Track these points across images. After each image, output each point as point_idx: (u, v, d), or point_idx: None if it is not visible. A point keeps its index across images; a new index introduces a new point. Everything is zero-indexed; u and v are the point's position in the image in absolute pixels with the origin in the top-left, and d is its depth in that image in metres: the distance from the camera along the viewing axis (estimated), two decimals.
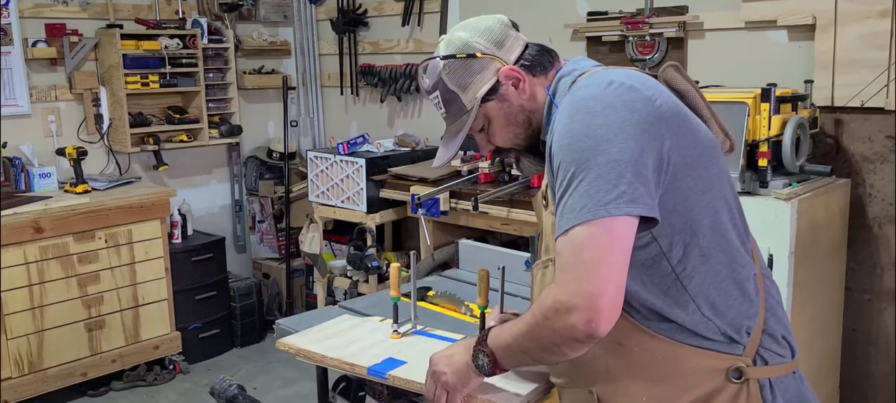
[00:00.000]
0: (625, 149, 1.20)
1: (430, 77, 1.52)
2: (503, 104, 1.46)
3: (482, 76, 1.45)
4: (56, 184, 4.10)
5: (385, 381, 1.75)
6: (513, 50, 1.47)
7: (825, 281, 2.92)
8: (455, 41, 1.49)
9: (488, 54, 1.45)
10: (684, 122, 1.30)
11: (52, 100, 4.26)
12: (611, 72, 1.34)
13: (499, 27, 1.48)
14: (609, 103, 1.24)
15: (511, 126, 1.47)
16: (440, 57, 1.49)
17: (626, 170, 1.19)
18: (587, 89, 1.29)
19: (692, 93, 1.41)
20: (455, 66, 1.46)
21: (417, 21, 4.47)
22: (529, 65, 1.46)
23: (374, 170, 4.07)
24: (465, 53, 1.46)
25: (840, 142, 3.02)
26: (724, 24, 3.25)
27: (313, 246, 4.33)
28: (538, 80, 1.46)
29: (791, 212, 2.59)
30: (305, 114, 5.21)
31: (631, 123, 1.22)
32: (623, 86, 1.26)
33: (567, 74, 1.43)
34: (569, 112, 1.28)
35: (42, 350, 3.76)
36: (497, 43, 1.46)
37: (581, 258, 1.18)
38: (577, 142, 1.23)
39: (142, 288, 4.09)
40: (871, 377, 3.08)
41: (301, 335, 2.01)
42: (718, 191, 1.33)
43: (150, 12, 4.51)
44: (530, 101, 1.45)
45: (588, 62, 1.46)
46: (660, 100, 1.27)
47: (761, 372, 1.32)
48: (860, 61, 2.85)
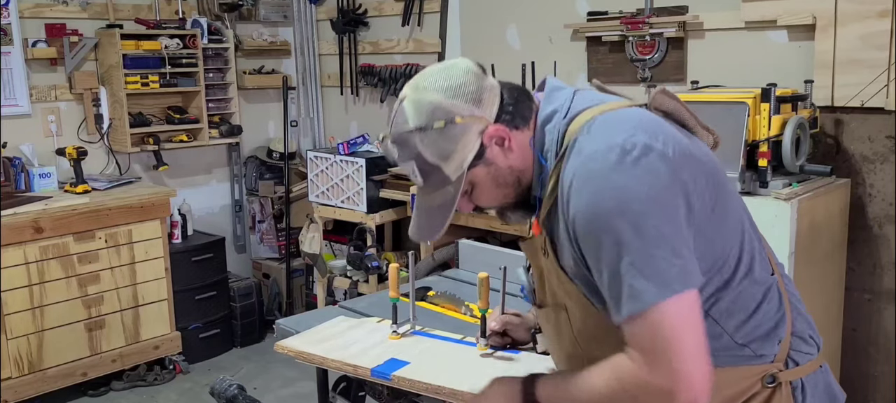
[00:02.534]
0: (665, 219, 1.16)
1: (400, 148, 1.32)
2: (490, 168, 1.32)
3: (465, 142, 1.29)
4: (56, 184, 4.10)
5: (389, 382, 1.75)
6: (491, 103, 1.30)
7: (825, 281, 2.92)
8: (425, 106, 1.29)
9: (469, 117, 1.28)
10: (692, 159, 1.24)
11: (52, 100, 4.26)
12: (611, 124, 1.24)
13: (473, 80, 1.30)
14: (632, 173, 1.17)
15: (499, 188, 1.36)
16: (413, 128, 1.29)
17: (674, 241, 1.16)
18: (603, 160, 1.18)
19: (679, 109, 1.36)
20: (432, 136, 1.28)
21: (417, 21, 4.47)
22: (511, 118, 1.31)
23: (374, 169, 4.07)
24: (443, 120, 1.28)
25: (840, 142, 3.02)
26: (724, 23, 3.25)
27: (313, 246, 4.33)
28: (523, 133, 1.32)
29: (791, 212, 2.59)
30: (305, 114, 5.21)
31: (659, 188, 1.17)
32: (638, 148, 1.18)
33: (549, 119, 1.32)
34: (591, 189, 1.18)
35: (42, 350, 3.76)
36: (475, 101, 1.29)
37: (666, 341, 1.14)
38: (614, 221, 1.16)
39: (142, 288, 4.09)
40: (871, 377, 3.08)
41: (299, 337, 2.00)
42: (734, 214, 1.31)
43: (150, 12, 4.51)
44: (518, 160, 1.33)
45: (562, 94, 1.34)
46: (671, 149, 1.21)
47: (792, 375, 1.34)
48: (860, 61, 2.85)
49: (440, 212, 1.35)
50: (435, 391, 1.70)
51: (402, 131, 1.31)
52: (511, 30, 4.05)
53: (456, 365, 1.79)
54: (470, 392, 1.65)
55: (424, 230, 1.38)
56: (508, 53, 4.02)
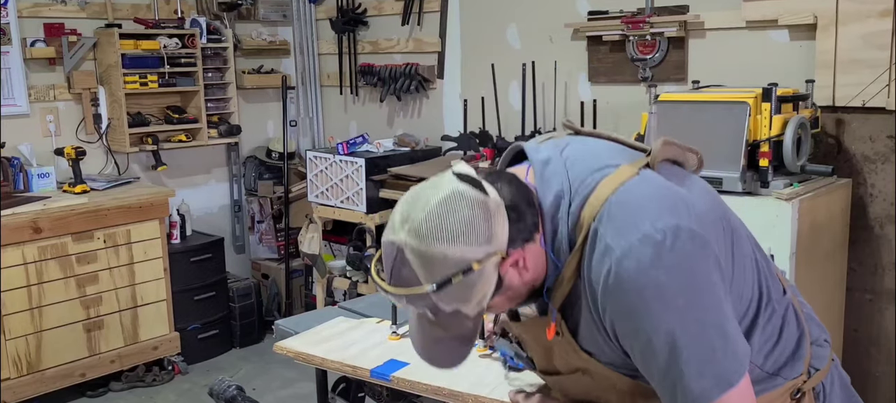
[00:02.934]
0: (709, 306, 1.13)
1: (412, 302, 1.19)
2: (507, 292, 1.22)
3: (483, 283, 1.16)
4: (54, 184, 4.09)
5: (389, 383, 1.74)
6: (502, 230, 1.16)
7: (826, 281, 2.91)
8: (437, 260, 1.13)
9: (485, 258, 1.15)
10: (709, 218, 1.19)
11: (51, 100, 4.25)
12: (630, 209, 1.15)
13: (481, 214, 1.14)
14: (669, 267, 1.11)
15: (513, 302, 1.27)
16: (427, 288, 1.15)
17: (721, 325, 1.13)
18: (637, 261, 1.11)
19: (677, 154, 1.29)
20: (449, 291, 1.15)
21: (417, 20, 4.46)
22: (520, 232, 1.19)
23: (374, 169, 4.06)
24: (460, 271, 1.14)
25: (841, 141, 3.01)
26: (725, 23, 3.24)
27: (312, 246, 4.32)
28: (534, 243, 1.21)
29: (792, 212, 2.58)
30: (304, 114, 5.20)
31: (697, 274, 1.13)
32: (667, 235, 1.11)
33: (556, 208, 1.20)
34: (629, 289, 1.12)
35: (41, 350, 3.75)
36: (488, 238, 1.14)
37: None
38: (659, 322, 1.11)
39: (140, 288, 4.08)
40: (872, 377, 3.08)
41: (299, 337, 2.00)
42: (748, 250, 1.27)
43: (149, 12, 4.50)
44: (533, 272, 1.22)
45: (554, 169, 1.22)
46: (694, 219, 1.15)
47: (814, 380, 1.35)
48: (861, 61, 2.84)
49: (459, 344, 1.25)
50: (434, 391, 1.69)
51: (415, 290, 1.16)
52: (511, 29, 4.04)
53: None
54: (470, 393, 1.64)
55: (444, 361, 1.27)
56: (508, 53, 4.01)
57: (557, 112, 3.82)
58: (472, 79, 4.23)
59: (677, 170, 1.28)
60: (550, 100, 3.84)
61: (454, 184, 1.16)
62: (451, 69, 4.36)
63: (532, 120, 3.84)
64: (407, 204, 1.18)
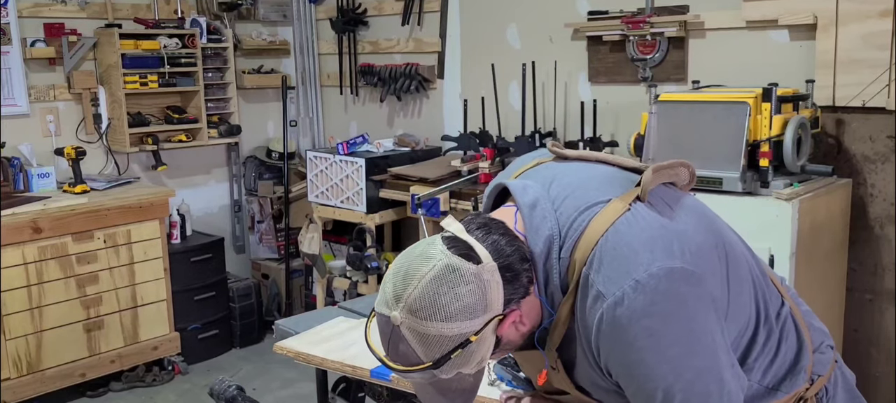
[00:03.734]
0: (703, 352, 1.13)
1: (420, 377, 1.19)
2: (506, 345, 1.23)
3: (481, 347, 1.16)
4: (54, 184, 4.09)
5: (389, 383, 1.74)
6: (497, 296, 1.15)
7: (826, 281, 2.91)
8: (435, 340, 1.13)
9: (482, 327, 1.14)
10: (703, 251, 1.17)
11: (51, 100, 4.25)
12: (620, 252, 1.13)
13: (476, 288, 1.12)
14: (662, 313, 1.10)
15: (510, 350, 1.28)
16: (427, 366, 1.14)
17: (716, 372, 1.14)
18: (628, 306, 1.10)
19: (666, 175, 1.26)
20: (451, 364, 1.15)
21: (417, 20, 4.46)
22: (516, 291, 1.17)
23: (374, 169, 4.06)
24: (459, 347, 1.13)
25: (841, 141, 3.01)
26: (725, 23, 3.24)
27: (312, 246, 4.32)
28: (530, 298, 1.20)
29: (792, 212, 2.58)
30: (305, 114, 5.20)
31: (692, 318, 1.12)
32: (660, 279, 1.10)
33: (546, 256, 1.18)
34: (623, 339, 1.11)
35: (41, 350, 3.75)
36: (484, 309, 1.13)
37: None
38: (655, 370, 1.11)
39: (141, 288, 4.08)
40: (872, 377, 3.08)
41: (298, 337, 2.00)
42: (744, 272, 1.25)
43: (149, 12, 4.50)
44: (529, 325, 1.22)
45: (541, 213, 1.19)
46: (687, 256, 1.13)
47: (817, 386, 1.34)
48: (861, 61, 2.84)
49: (462, 396, 1.24)
50: None
51: (415, 368, 1.15)
52: (511, 29, 4.04)
53: None
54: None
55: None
56: (508, 53, 4.01)
57: (557, 112, 3.82)
58: (472, 79, 4.23)
59: (669, 193, 1.26)
60: (550, 100, 3.84)
61: (446, 258, 1.13)
62: (451, 69, 4.36)
63: (532, 120, 3.85)
64: (399, 279, 1.15)
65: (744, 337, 1.25)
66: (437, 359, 1.13)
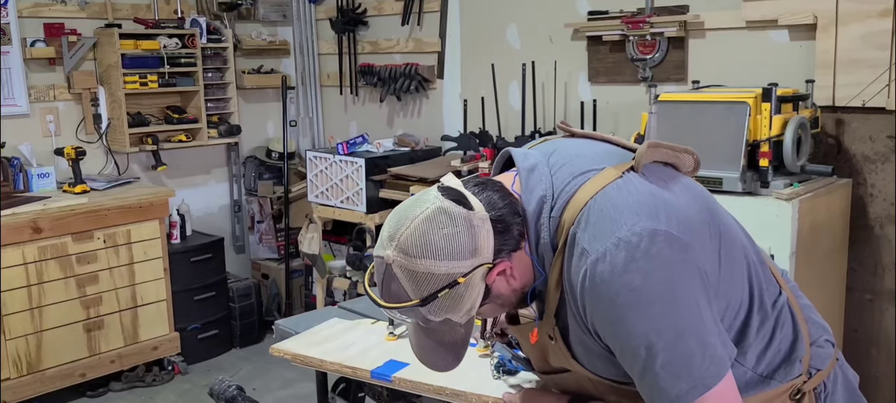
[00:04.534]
0: (686, 311, 1.13)
1: (408, 316, 1.25)
2: (497, 299, 1.27)
3: (470, 293, 1.21)
4: (54, 184, 4.09)
5: (390, 384, 1.74)
6: (487, 243, 1.20)
7: (826, 281, 2.91)
8: (422, 277, 1.18)
9: (471, 270, 1.19)
10: (693, 223, 1.19)
11: (51, 100, 4.25)
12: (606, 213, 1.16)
13: (465, 230, 1.18)
14: (645, 271, 1.12)
15: (504, 307, 1.32)
16: (415, 302, 1.20)
17: (699, 332, 1.13)
18: (611, 264, 1.12)
19: (665, 155, 1.29)
20: (437, 303, 1.20)
21: (417, 20, 4.46)
22: (507, 245, 1.22)
23: (374, 169, 4.05)
24: (446, 286, 1.18)
25: (841, 141, 3.01)
26: (725, 23, 3.24)
27: (312, 246, 4.32)
28: (521, 253, 1.24)
29: (792, 212, 2.58)
30: (304, 114, 5.20)
31: (674, 278, 1.13)
32: (643, 240, 1.12)
33: (538, 214, 1.22)
34: (605, 294, 1.13)
35: (41, 350, 3.75)
36: (473, 252, 1.18)
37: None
38: (636, 326, 1.12)
39: (140, 288, 4.08)
40: (872, 378, 3.07)
41: (295, 339, 1.99)
42: (739, 255, 1.26)
43: (149, 12, 4.50)
44: (520, 279, 1.26)
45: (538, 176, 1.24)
46: (674, 224, 1.15)
47: (815, 381, 1.34)
48: (861, 61, 2.84)
49: (453, 349, 1.29)
50: (437, 391, 1.69)
51: (403, 304, 1.21)
52: (511, 29, 4.04)
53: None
54: (473, 392, 1.64)
55: (439, 364, 1.31)
56: (508, 53, 4.01)
57: (557, 112, 3.82)
58: (472, 79, 4.22)
59: (667, 171, 1.28)
60: (550, 100, 3.83)
61: (438, 201, 1.19)
62: (451, 69, 4.36)
63: (532, 120, 3.84)
64: (394, 222, 1.22)
65: (737, 319, 1.25)
66: (425, 297, 1.19)
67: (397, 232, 1.20)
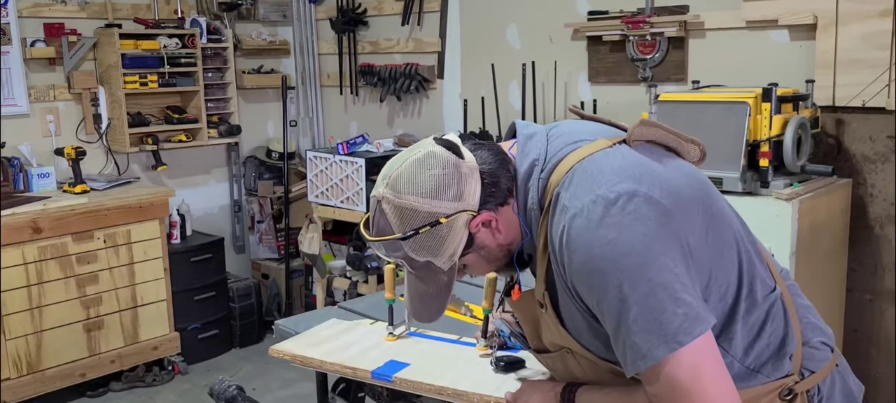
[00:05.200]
0: (661, 267, 1.13)
1: (389, 251, 1.30)
2: (481, 251, 1.30)
3: (453, 237, 1.26)
4: (54, 184, 4.09)
5: (391, 384, 1.74)
6: (473, 192, 1.25)
7: (826, 281, 2.91)
8: (407, 212, 1.24)
9: (453, 213, 1.24)
10: (680, 195, 1.20)
11: (51, 100, 4.25)
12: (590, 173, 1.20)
13: (451, 174, 1.24)
14: (620, 225, 1.13)
15: (491, 263, 1.35)
16: (398, 236, 1.25)
17: (672, 289, 1.13)
18: (587, 217, 1.15)
19: (660, 134, 1.30)
20: (418, 240, 1.25)
21: (417, 20, 4.46)
22: (494, 198, 1.27)
23: (374, 169, 4.05)
24: (428, 224, 1.24)
25: (841, 141, 3.01)
26: (725, 23, 3.24)
27: (312, 246, 4.32)
28: (508, 207, 1.28)
29: (792, 212, 2.58)
30: (304, 114, 5.20)
31: (650, 236, 1.13)
32: (621, 198, 1.15)
33: (528, 176, 1.27)
34: (581, 246, 1.15)
35: (41, 350, 3.75)
36: (457, 196, 1.24)
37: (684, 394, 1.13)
38: (609, 278, 1.13)
39: (140, 288, 4.08)
40: (872, 378, 3.07)
41: (294, 340, 1.99)
42: (728, 237, 1.26)
43: (149, 12, 4.50)
44: (506, 236, 1.30)
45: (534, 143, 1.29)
46: (657, 190, 1.17)
47: (808, 383, 1.32)
48: (861, 61, 2.84)
49: (437, 298, 1.34)
50: (438, 391, 1.69)
51: (387, 237, 1.27)
52: (511, 29, 4.04)
53: (457, 366, 1.78)
54: (474, 392, 1.64)
55: (423, 314, 1.37)
56: (508, 53, 4.01)
57: (557, 112, 3.82)
58: (472, 79, 4.23)
59: (664, 153, 1.29)
60: (550, 100, 3.84)
61: (431, 147, 1.27)
62: (451, 69, 4.36)
63: (532, 120, 3.85)
64: (389, 163, 1.30)
65: (723, 302, 1.25)
66: (407, 232, 1.25)
67: (390, 171, 1.27)
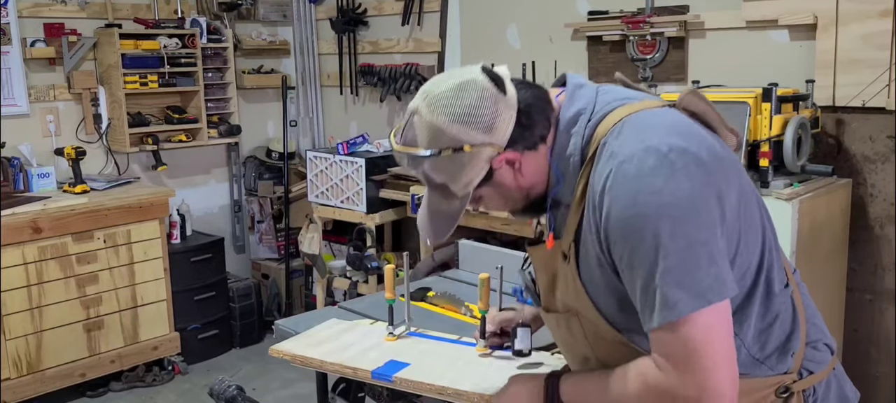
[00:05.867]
0: (701, 225, 1.14)
1: (410, 162, 1.31)
2: (498, 188, 1.31)
3: (472, 167, 1.26)
4: (54, 184, 4.09)
5: (391, 384, 1.74)
6: (505, 127, 1.25)
7: (826, 281, 2.91)
8: (436, 131, 1.25)
9: (478, 144, 1.24)
10: (724, 164, 1.22)
11: (51, 100, 4.25)
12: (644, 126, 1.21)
13: (488, 104, 1.24)
14: (668, 176, 1.14)
15: (507, 201, 1.36)
16: (422, 151, 1.27)
17: (710, 248, 1.14)
18: (638, 164, 1.16)
19: (707, 111, 1.32)
20: (440, 161, 1.27)
21: (417, 20, 4.46)
22: (525, 140, 1.27)
23: (374, 170, 4.06)
24: (451, 148, 1.25)
25: (841, 141, 3.02)
26: (725, 23, 3.24)
27: (312, 246, 4.32)
28: (537, 154, 1.29)
29: (792, 212, 2.58)
30: (305, 114, 5.20)
31: (697, 194, 1.15)
32: (673, 151, 1.16)
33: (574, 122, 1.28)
34: (627, 191, 1.15)
35: (41, 350, 3.75)
36: (487, 128, 1.24)
37: (697, 352, 1.13)
38: (651, 225, 1.13)
39: (141, 288, 4.08)
40: (872, 377, 3.08)
41: (293, 340, 1.98)
42: (756, 221, 1.27)
43: (149, 12, 4.50)
44: (529, 178, 1.30)
45: (585, 93, 1.31)
46: (705, 153, 1.18)
47: (806, 383, 1.33)
48: (861, 61, 2.84)
49: (445, 220, 1.35)
50: (439, 391, 1.68)
51: (411, 150, 1.29)
52: (511, 29, 4.04)
53: (457, 366, 1.78)
54: (474, 392, 1.64)
55: (429, 231, 1.39)
56: (508, 53, 4.01)
57: None
58: None
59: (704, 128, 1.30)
60: None
61: (476, 74, 1.27)
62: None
63: None
64: (433, 79, 1.31)
65: (744, 282, 1.25)
66: (432, 151, 1.26)
67: (431, 88, 1.29)
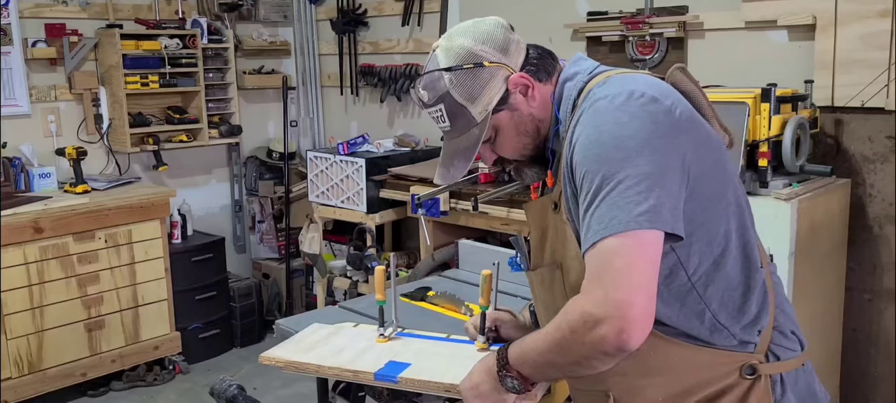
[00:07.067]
0: (653, 162, 1.20)
1: (430, 91, 1.43)
2: (513, 114, 1.42)
3: (491, 86, 1.39)
4: (56, 184, 4.10)
5: (396, 385, 1.73)
6: (517, 55, 1.42)
7: (825, 281, 2.91)
8: (457, 50, 1.41)
9: (496, 62, 1.40)
10: (701, 129, 1.31)
11: (52, 101, 4.26)
12: (627, 79, 1.32)
13: (501, 32, 1.43)
14: (634, 114, 1.23)
15: (520, 136, 1.44)
16: (442, 68, 1.41)
17: (656, 184, 1.19)
18: (610, 100, 1.27)
19: (696, 93, 1.40)
20: (461, 77, 1.39)
21: (417, 21, 4.46)
22: (535, 70, 1.42)
23: (374, 170, 4.06)
24: (472, 63, 1.39)
25: (840, 142, 3.02)
26: (724, 24, 3.25)
27: (313, 246, 4.33)
28: (545, 86, 1.43)
29: (791, 212, 2.59)
30: (305, 114, 5.21)
31: (657, 136, 1.22)
32: (645, 97, 1.25)
33: (571, 78, 1.40)
34: (594, 122, 1.26)
35: (42, 350, 3.76)
36: (502, 49, 1.41)
37: (610, 269, 1.17)
38: (606, 151, 1.22)
39: (141, 288, 4.09)
40: (871, 377, 3.08)
41: (281, 347, 1.93)
42: (730, 196, 1.34)
43: (150, 12, 4.51)
44: (539, 109, 1.42)
45: (588, 62, 1.44)
46: (678, 110, 1.27)
47: (773, 368, 1.35)
48: (860, 61, 2.84)
49: (464, 155, 1.44)
50: (446, 389, 1.68)
51: (433, 72, 1.42)
52: None
53: (457, 363, 1.78)
54: None
55: (447, 174, 1.47)
56: None
57: None
58: None
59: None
60: None
61: (493, 18, 1.46)
62: None
63: None
64: (455, 26, 1.48)
65: (711, 249, 1.30)
66: (452, 65, 1.40)
67: (455, 28, 1.47)
